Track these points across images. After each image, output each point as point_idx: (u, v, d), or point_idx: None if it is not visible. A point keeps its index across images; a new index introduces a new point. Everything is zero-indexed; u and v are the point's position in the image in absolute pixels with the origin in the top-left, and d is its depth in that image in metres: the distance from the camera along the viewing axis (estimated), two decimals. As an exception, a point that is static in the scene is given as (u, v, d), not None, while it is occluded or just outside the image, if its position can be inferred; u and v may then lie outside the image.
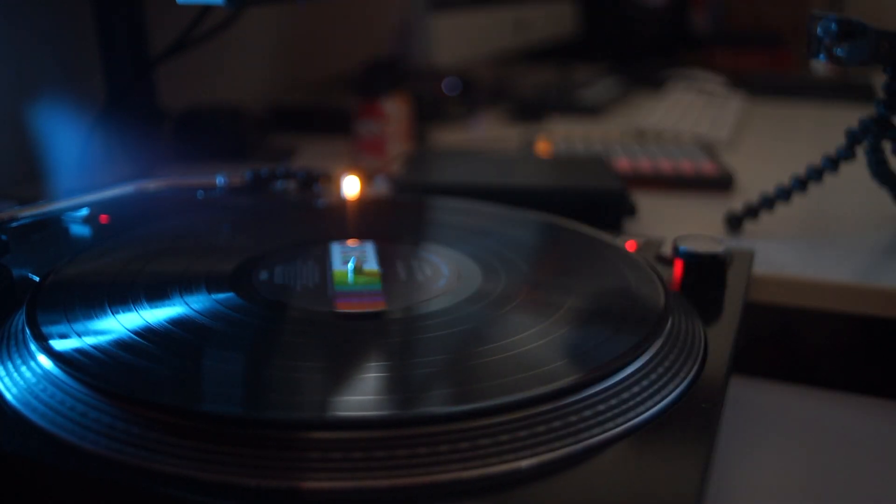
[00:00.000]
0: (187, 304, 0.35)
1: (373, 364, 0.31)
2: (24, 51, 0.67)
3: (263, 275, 0.39)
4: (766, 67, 1.55)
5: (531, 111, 1.00)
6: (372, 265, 0.40)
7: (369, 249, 0.43)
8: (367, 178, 0.56)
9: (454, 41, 1.09)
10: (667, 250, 0.44)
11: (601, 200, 0.56)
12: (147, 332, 0.32)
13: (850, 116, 0.55)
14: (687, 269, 0.40)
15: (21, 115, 0.67)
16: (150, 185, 0.51)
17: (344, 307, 0.35)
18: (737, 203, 0.59)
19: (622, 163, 0.72)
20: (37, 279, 0.39)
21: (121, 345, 0.31)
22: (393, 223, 0.50)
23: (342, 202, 0.53)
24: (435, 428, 0.26)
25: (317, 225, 0.49)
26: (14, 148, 0.66)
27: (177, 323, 0.33)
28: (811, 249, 0.53)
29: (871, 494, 0.34)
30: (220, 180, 0.53)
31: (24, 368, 0.30)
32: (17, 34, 0.66)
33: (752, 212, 0.56)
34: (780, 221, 0.58)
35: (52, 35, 0.69)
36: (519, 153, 0.77)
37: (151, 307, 0.34)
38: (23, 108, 0.67)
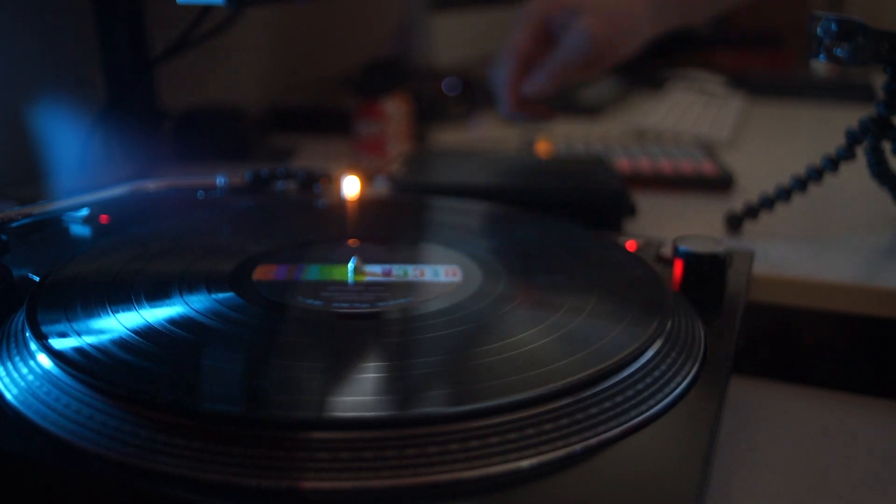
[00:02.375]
0: (187, 303, 0.35)
1: (372, 364, 0.31)
2: (24, 51, 0.67)
3: (263, 274, 0.39)
4: (766, 67, 1.55)
5: (531, 111, 0.99)
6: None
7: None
8: (367, 178, 0.56)
9: (454, 41, 1.09)
10: (667, 250, 0.44)
11: (601, 200, 0.56)
12: (147, 332, 0.32)
13: (850, 116, 0.55)
14: (687, 269, 0.40)
15: (21, 115, 0.67)
16: (150, 185, 0.51)
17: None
18: (737, 203, 0.59)
19: (622, 163, 0.72)
20: (37, 279, 0.39)
21: (121, 344, 0.31)
22: (393, 223, 0.50)
23: (342, 202, 0.53)
24: (434, 428, 0.26)
25: (317, 225, 0.49)
26: (14, 148, 0.66)
27: (177, 322, 0.33)
28: (811, 249, 0.53)
29: (870, 494, 0.34)
30: (220, 180, 0.53)
31: (24, 368, 0.30)
32: (17, 34, 0.66)
33: (752, 212, 0.56)
34: (780, 221, 0.58)
35: (52, 35, 0.69)
36: (519, 153, 0.77)
37: (151, 307, 0.34)
38: (23, 109, 0.67)
